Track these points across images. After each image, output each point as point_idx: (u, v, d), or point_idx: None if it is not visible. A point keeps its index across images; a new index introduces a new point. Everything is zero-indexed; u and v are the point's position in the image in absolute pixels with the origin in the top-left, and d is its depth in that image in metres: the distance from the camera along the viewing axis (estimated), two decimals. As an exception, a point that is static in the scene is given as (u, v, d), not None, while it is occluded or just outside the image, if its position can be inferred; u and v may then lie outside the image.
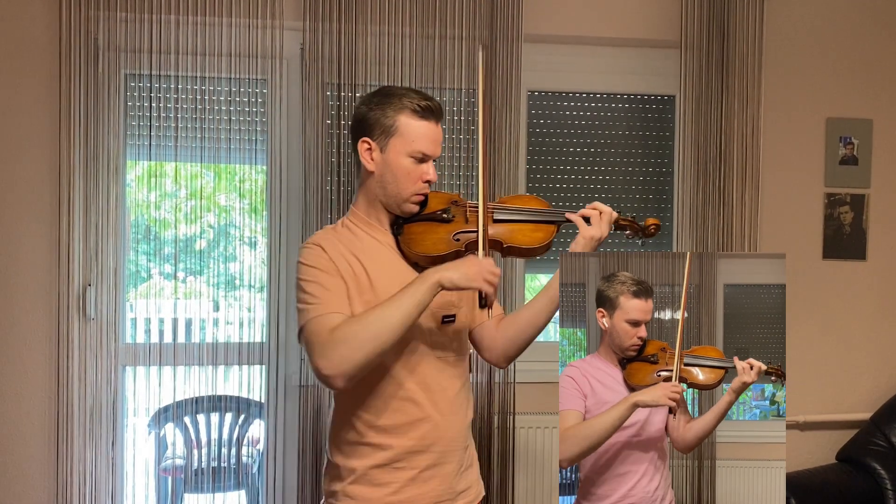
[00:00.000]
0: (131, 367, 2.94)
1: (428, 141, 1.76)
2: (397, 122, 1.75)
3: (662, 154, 3.28)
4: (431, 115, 1.77)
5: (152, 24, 2.81)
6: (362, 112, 1.79)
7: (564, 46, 3.18)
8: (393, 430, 1.73)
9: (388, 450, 1.73)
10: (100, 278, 2.81)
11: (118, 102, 2.84)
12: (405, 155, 1.75)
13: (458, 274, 1.65)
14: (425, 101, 1.76)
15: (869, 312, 3.34)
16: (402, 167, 1.75)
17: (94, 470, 2.82)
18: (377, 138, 1.76)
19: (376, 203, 1.81)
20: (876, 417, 3.18)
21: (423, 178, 1.77)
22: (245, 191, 2.99)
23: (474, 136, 2.99)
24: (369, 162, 1.77)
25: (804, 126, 3.28)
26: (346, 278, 1.72)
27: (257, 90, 2.94)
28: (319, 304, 1.66)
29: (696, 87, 3.09)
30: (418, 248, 1.78)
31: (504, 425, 2.99)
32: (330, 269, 1.70)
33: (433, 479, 1.75)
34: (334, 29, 2.86)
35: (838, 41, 3.29)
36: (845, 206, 3.31)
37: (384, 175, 1.77)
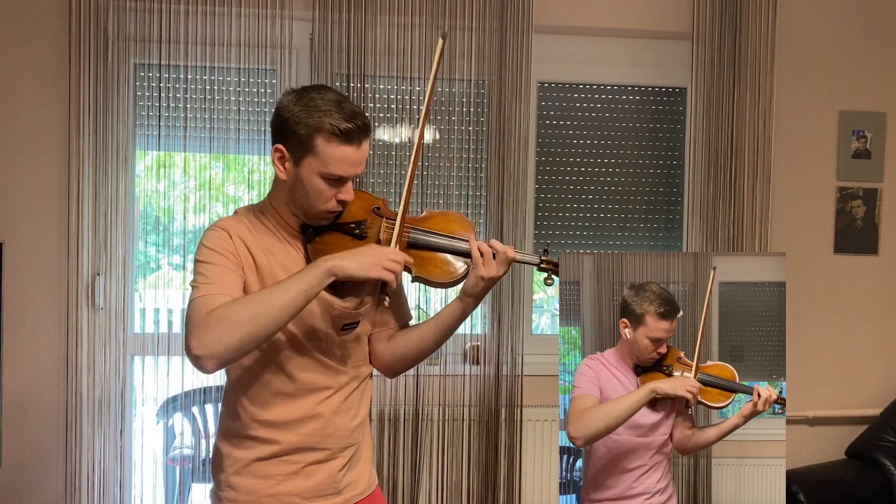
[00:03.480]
0: (140, 357, 2.95)
1: (346, 164, 1.60)
2: (314, 141, 1.58)
3: (673, 146, 3.26)
4: (354, 138, 1.59)
5: (161, 14, 2.81)
6: (281, 116, 1.62)
7: (575, 38, 3.16)
8: (280, 426, 1.67)
9: (274, 444, 1.67)
10: (109, 268, 2.82)
11: (127, 92, 2.85)
12: (318, 175, 1.60)
13: (354, 263, 1.55)
14: (347, 122, 1.58)
15: (880, 307, 3.32)
16: (314, 186, 1.61)
17: (103, 459, 2.83)
18: (291, 150, 1.61)
19: (289, 205, 1.68)
20: (886, 413, 3.16)
21: (338, 197, 1.64)
22: (254, 181, 2.99)
23: (483, 127, 2.98)
24: (281, 171, 1.63)
25: (817, 119, 3.25)
26: (247, 269, 1.64)
27: (266, 80, 2.93)
28: (207, 285, 1.56)
29: (707, 79, 3.07)
30: None
31: (511, 418, 2.98)
32: (228, 254, 1.61)
33: (318, 474, 1.70)
34: (343, 19, 2.85)
35: (851, 34, 3.26)
36: (857, 200, 3.28)
37: (295, 188, 1.63)
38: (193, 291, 1.57)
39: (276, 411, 1.67)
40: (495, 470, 2.96)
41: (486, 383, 2.96)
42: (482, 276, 1.68)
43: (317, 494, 1.71)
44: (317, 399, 1.69)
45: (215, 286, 1.56)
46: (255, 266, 1.64)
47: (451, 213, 1.79)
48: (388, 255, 1.59)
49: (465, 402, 2.98)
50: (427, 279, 1.70)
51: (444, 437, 2.96)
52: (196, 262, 1.62)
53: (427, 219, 1.77)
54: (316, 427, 1.69)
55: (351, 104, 1.63)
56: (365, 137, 1.63)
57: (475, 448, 2.98)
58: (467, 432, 2.99)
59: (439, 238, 1.72)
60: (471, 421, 2.98)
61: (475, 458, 2.98)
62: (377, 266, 1.56)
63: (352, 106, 1.62)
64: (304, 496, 1.70)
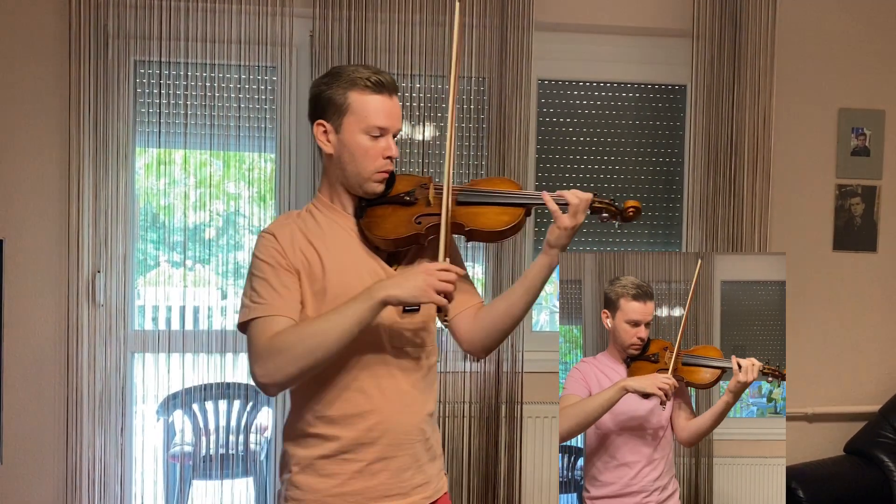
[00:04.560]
0: (140, 354, 2.95)
1: (383, 115, 1.68)
2: (348, 99, 1.67)
3: (673, 144, 3.26)
4: (384, 89, 1.69)
5: (161, 11, 2.80)
6: (314, 94, 1.73)
7: (575, 35, 3.16)
8: (340, 421, 1.68)
9: (335, 441, 1.68)
10: (109, 265, 2.82)
11: (127, 89, 2.84)
12: (361, 132, 1.68)
13: (405, 290, 1.57)
14: (376, 74, 1.68)
15: (879, 304, 3.33)
16: (359, 145, 1.68)
17: (104, 456, 2.84)
18: (331, 119, 1.69)
19: (338, 187, 1.75)
20: (885, 410, 3.17)
21: (384, 153, 1.70)
22: (253, 179, 2.99)
23: (483, 124, 2.98)
24: (326, 144, 1.71)
25: (816, 116, 3.26)
26: (299, 267, 1.67)
27: (266, 77, 2.93)
28: (264, 305, 1.62)
29: (707, 76, 3.07)
30: (378, 230, 1.72)
31: (511, 414, 2.99)
32: (279, 264, 1.65)
33: (382, 473, 1.69)
34: (343, 16, 2.84)
35: (851, 31, 3.26)
36: (856, 198, 3.29)
37: (342, 156, 1.70)
38: (249, 310, 1.63)
39: (334, 406, 1.68)
40: (495, 466, 2.97)
41: (487, 380, 2.97)
42: (565, 226, 1.69)
43: (382, 495, 1.69)
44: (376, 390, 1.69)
45: (271, 307, 1.62)
46: (308, 264, 1.68)
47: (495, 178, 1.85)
48: (438, 275, 1.59)
49: (466, 399, 2.98)
50: (481, 230, 1.73)
51: (445, 434, 2.97)
52: (250, 276, 1.68)
53: (474, 184, 1.82)
54: (375, 421, 1.68)
55: (375, 66, 1.76)
56: (394, 91, 1.71)
57: (475, 445, 2.99)
58: (467, 429, 2.99)
59: (487, 195, 1.76)
60: (471, 418, 2.99)
61: (475, 454, 2.99)
62: (429, 290, 1.57)
63: (374, 67, 1.75)
64: (369, 496, 1.69)
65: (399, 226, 1.72)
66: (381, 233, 1.71)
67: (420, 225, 1.72)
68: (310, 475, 1.69)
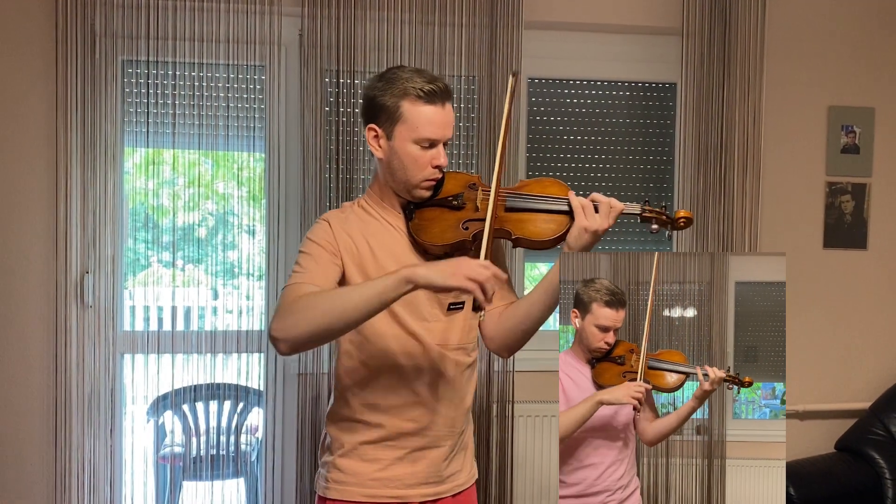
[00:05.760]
0: (130, 355, 2.93)
1: (434, 126, 1.69)
2: (401, 108, 1.68)
3: (663, 142, 3.26)
4: (437, 99, 1.69)
5: (150, 10, 2.79)
6: (367, 97, 1.74)
7: (565, 33, 3.15)
8: (387, 410, 1.75)
9: (381, 428, 1.75)
10: (98, 266, 2.80)
11: (115, 89, 2.83)
12: (411, 142, 1.69)
13: (436, 271, 1.51)
14: (430, 84, 1.68)
15: (869, 302, 3.33)
16: (409, 154, 1.70)
17: (93, 457, 2.82)
18: (383, 125, 1.71)
19: (387, 187, 1.79)
20: (875, 407, 3.18)
21: (433, 163, 1.72)
22: (244, 178, 2.98)
23: (474, 123, 2.98)
24: (377, 149, 1.74)
25: (806, 114, 3.26)
26: (347, 256, 1.71)
27: (255, 77, 2.92)
28: (301, 274, 1.66)
29: (697, 74, 3.07)
30: (426, 236, 1.74)
31: (503, 414, 2.98)
32: (328, 246, 1.71)
33: (422, 461, 1.77)
34: (333, 15, 2.83)
35: (840, 29, 3.27)
36: (846, 195, 3.29)
37: (392, 161, 1.72)
38: (290, 278, 1.67)
39: (381, 396, 1.75)
40: (487, 465, 2.96)
41: (478, 379, 2.96)
42: (585, 227, 1.69)
43: (420, 482, 1.78)
44: (423, 384, 1.75)
45: (308, 275, 1.65)
46: (358, 253, 1.72)
47: (545, 179, 1.82)
48: (473, 265, 1.53)
49: (457, 399, 2.98)
50: (528, 238, 1.73)
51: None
52: (299, 253, 1.72)
53: (522, 186, 1.81)
54: (421, 413, 1.76)
55: (429, 72, 1.75)
56: (447, 99, 1.72)
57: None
58: (459, 428, 2.99)
59: (536, 200, 1.75)
60: (462, 417, 2.98)
61: (467, 454, 2.98)
62: (458, 275, 1.50)
63: (430, 73, 1.73)
64: (408, 482, 1.77)
65: (446, 231, 1.74)
66: (428, 238, 1.74)
67: (467, 231, 1.74)
68: (353, 459, 1.77)
